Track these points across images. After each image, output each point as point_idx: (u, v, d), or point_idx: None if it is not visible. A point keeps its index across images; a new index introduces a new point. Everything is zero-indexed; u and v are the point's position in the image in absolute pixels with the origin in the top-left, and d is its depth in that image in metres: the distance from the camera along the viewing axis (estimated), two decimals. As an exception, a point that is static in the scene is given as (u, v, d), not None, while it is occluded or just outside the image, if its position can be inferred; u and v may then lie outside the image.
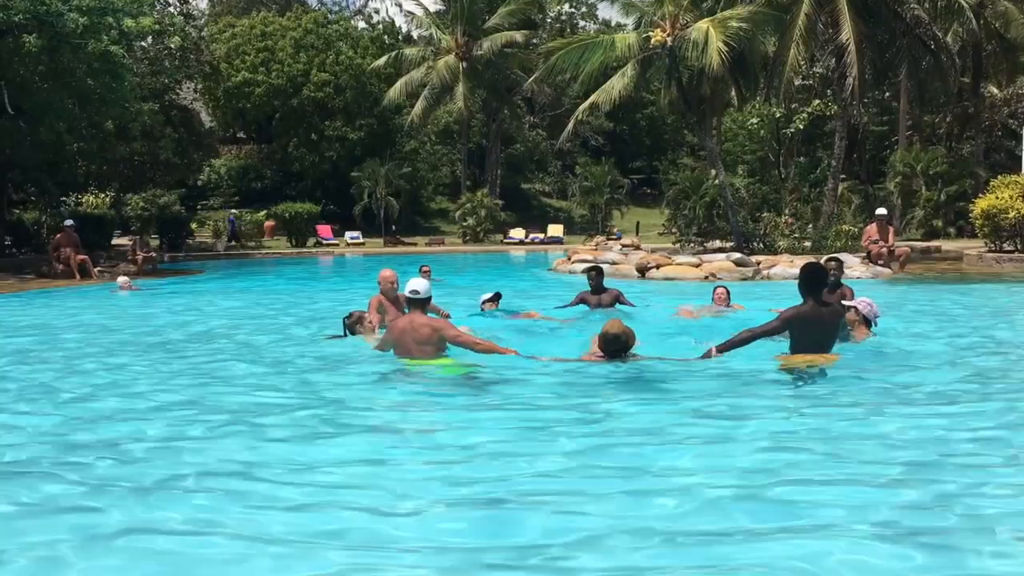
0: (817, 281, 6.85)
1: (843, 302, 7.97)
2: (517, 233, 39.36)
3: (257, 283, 19.46)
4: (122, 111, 22.56)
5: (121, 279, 16.76)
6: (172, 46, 27.21)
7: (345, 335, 8.48)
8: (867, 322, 7.69)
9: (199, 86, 36.11)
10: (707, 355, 6.80)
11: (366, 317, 8.52)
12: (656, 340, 7.96)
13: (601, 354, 6.94)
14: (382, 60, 41.69)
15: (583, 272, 12.68)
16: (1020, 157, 21.21)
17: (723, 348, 6.80)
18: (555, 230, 40.10)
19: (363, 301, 9.22)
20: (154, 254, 25.21)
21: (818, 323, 6.80)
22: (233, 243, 34.51)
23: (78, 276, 19.99)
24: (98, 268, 21.08)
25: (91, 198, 31.65)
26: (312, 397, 6.30)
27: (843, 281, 9.38)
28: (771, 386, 6.54)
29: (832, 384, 6.46)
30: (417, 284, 7.17)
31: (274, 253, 33.39)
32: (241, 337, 9.75)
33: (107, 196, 32.27)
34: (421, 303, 7.15)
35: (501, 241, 38.43)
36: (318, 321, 10.79)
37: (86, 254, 20.88)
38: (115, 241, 29.91)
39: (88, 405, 6.17)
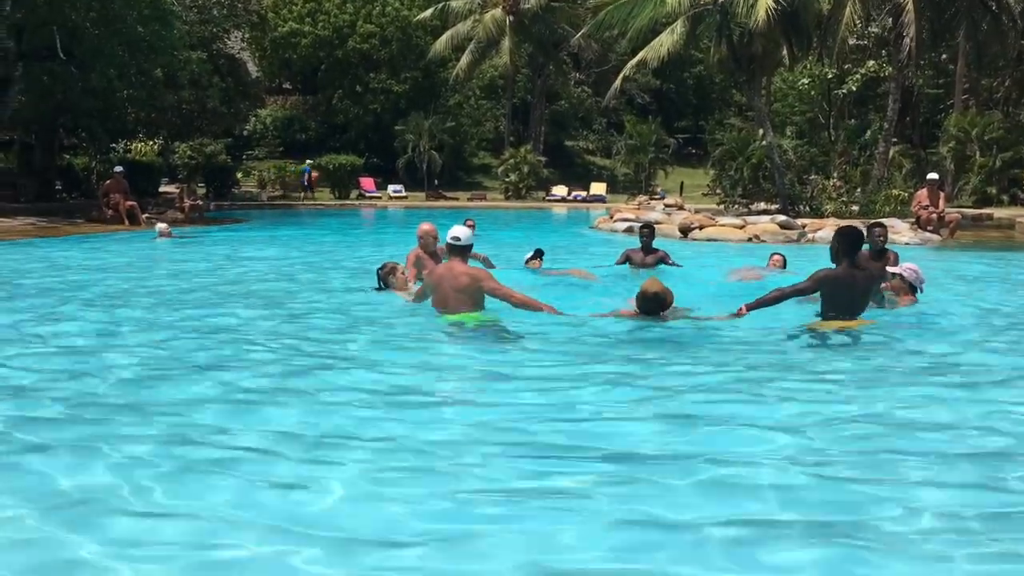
0: (853, 244, 6.79)
1: (888, 268, 7.86)
2: (559, 190, 39.17)
3: (298, 234, 19.67)
4: (171, 59, 22.80)
5: (160, 226, 17.00)
6: (220, -5, 27.31)
7: (379, 287, 8.48)
8: (912, 288, 7.57)
9: (246, 36, 36.23)
10: (738, 313, 6.75)
11: (399, 268, 8.50)
12: (700, 302, 7.93)
13: (637, 312, 6.93)
14: (428, 12, 41.38)
15: (637, 230, 12.62)
16: (1080, 124, 20.57)
17: (752, 306, 6.75)
18: (598, 188, 39.83)
19: (402, 255, 9.27)
20: (201, 202, 25.53)
21: (850, 286, 6.73)
22: (307, 194, 35.03)
23: (126, 222, 20.32)
24: (146, 215, 21.43)
25: (140, 145, 32.07)
26: (333, 354, 6.20)
27: (890, 247, 9.25)
28: (803, 348, 6.52)
29: (870, 349, 6.41)
30: (459, 231, 7.13)
31: (317, 204, 33.65)
32: (272, 288, 9.77)
33: (155, 144, 32.68)
34: (461, 250, 7.11)
35: (543, 198, 38.29)
36: (350, 271, 10.90)
37: (135, 200, 21.21)
38: (162, 188, 30.34)
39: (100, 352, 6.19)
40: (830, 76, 37.85)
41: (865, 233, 7.87)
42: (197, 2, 28.18)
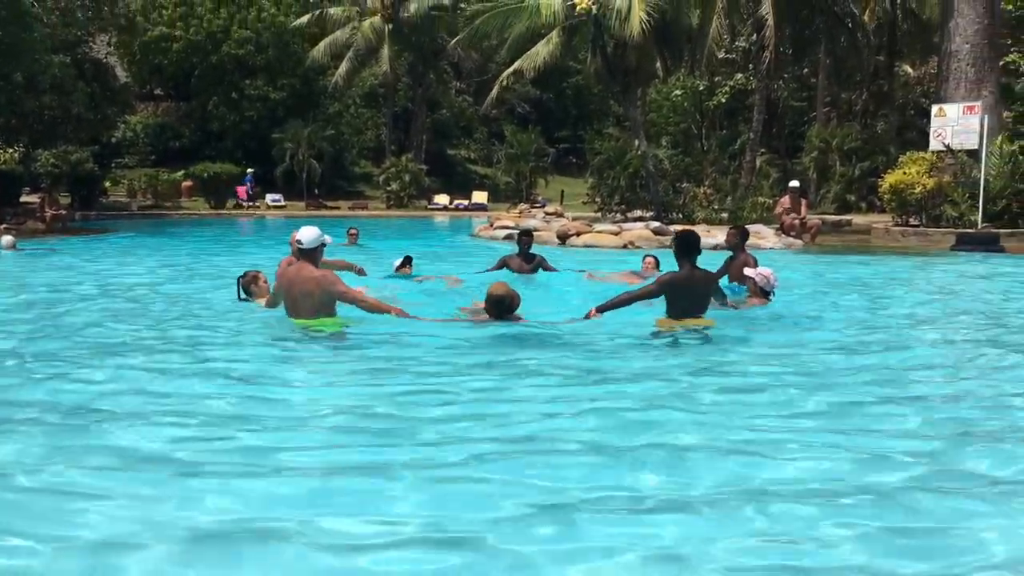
0: (689, 248, 7.18)
1: (745, 271, 8.26)
2: (441, 199, 39.24)
3: (163, 243, 19.08)
4: (31, 62, 21.79)
5: (5, 239, 16.18)
6: (84, -4, 26.30)
7: (241, 296, 8.33)
8: (764, 292, 7.98)
9: (114, 39, 34.85)
10: (588, 316, 7.03)
11: (261, 276, 8.40)
12: (567, 305, 8.12)
13: (487, 316, 7.09)
14: (305, 18, 40.80)
15: (515, 236, 12.75)
16: (928, 135, 21.92)
17: (602, 308, 7.06)
18: (479, 197, 40.03)
19: (271, 264, 9.16)
20: (64, 212, 24.43)
21: (689, 288, 7.14)
22: (252, 203, 35.91)
23: (-18, 233, 19.27)
24: (4, 225, 20.38)
25: (-2, 153, 30.41)
26: (163, 362, 6.04)
27: (754, 252, 9.67)
28: (648, 347, 6.80)
29: (713, 346, 6.77)
30: (303, 234, 7.02)
31: (192, 214, 32.71)
32: (109, 304, 9.25)
33: (15, 151, 31.06)
34: (308, 253, 7.02)
35: (425, 207, 38.27)
36: (212, 281, 10.71)
37: (-9, 210, 20.17)
38: (24, 198, 28.90)
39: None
40: (701, 88, 39.24)
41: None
42: (60, 4, 26.99)
